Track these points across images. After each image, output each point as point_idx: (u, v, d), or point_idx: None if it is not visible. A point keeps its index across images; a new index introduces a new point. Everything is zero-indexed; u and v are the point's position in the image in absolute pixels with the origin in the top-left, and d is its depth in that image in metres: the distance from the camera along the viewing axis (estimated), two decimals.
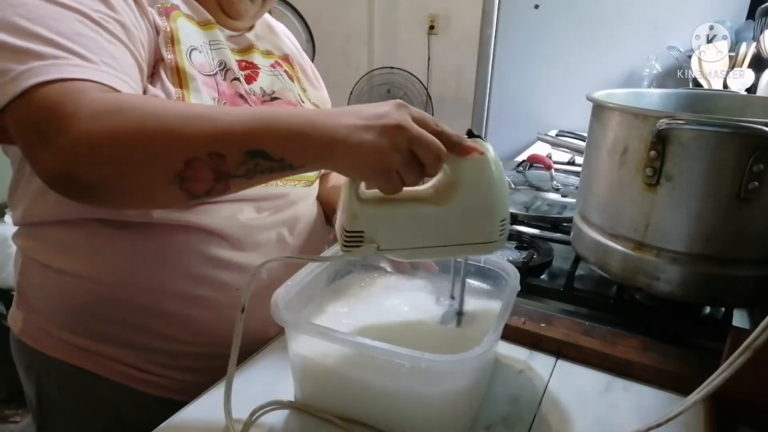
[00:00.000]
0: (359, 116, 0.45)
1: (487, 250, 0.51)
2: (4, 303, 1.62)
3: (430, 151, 0.45)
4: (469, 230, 0.49)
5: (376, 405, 0.49)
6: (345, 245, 0.48)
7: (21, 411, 1.64)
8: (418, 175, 0.46)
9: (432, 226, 0.49)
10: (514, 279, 0.56)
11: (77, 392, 0.66)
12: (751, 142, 0.52)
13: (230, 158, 0.44)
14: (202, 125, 0.44)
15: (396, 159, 0.44)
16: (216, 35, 0.65)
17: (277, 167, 0.46)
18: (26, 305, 0.67)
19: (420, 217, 0.49)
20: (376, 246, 0.48)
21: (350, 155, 0.45)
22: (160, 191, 0.46)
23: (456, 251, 0.51)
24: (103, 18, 0.51)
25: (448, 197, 0.48)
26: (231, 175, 0.45)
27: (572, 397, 0.55)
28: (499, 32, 2.36)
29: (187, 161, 0.44)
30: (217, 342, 0.65)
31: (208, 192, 0.46)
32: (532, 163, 1.34)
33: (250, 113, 0.47)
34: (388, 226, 0.49)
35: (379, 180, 0.45)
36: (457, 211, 0.48)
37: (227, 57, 0.65)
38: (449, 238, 0.49)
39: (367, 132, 0.44)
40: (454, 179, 0.48)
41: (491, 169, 0.48)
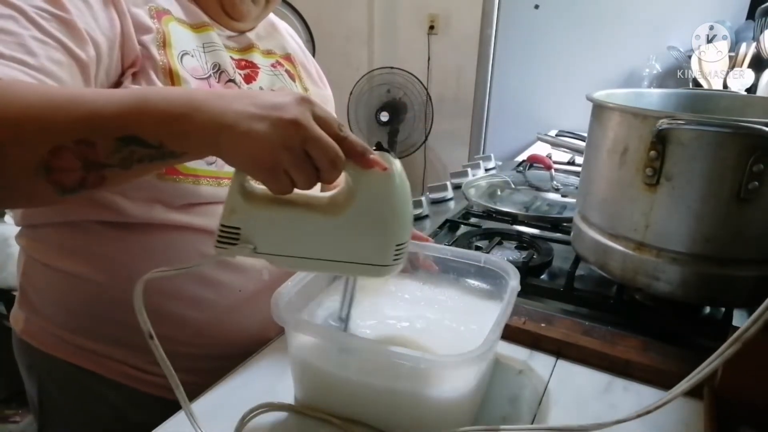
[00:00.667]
0: (254, 103, 0.41)
1: (376, 273, 0.46)
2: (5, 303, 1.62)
3: (324, 155, 0.40)
4: (359, 249, 0.45)
5: (376, 405, 0.49)
6: (218, 241, 0.45)
7: (21, 411, 1.64)
8: (311, 179, 0.42)
9: (317, 237, 0.45)
10: (514, 279, 0.56)
11: (78, 392, 0.66)
12: (751, 142, 0.52)
13: (100, 146, 0.41)
14: (69, 109, 0.41)
15: (285, 157, 0.40)
16: (210, 37, 0.65)
17: (156, 154, 0.42)
18: (28, 305, 0.67)
19: (303, 224, 0.44)
20: (252, 247, 0.44)
21: (236, 144, 0.40)
22: (26, 183, 0.42)
23: (342, 268, 0.46)
24: (40, 14, 0.49)
25: (341, 209, 0.44)
26: (103, 164, 0.41)
27: (572, 397, 0.55)
28: (499, 32, 2.36)
29: (50, 150, 0.40)
30: (216, 343, 0.65)
31: (80, 184, 0.42)
32: (532, 163, 1.34)
33: (125, 95, 0.42)
34: (267, 228, 0.45)
35: (265, 177, 0.41)
36: (346, 224, 0.44)
37: (222, 59, 0.65)
38: (335, 252, 0.45)
39: (259, 122, 0.40)
40: (351, 192, 0.44)
41: (393, 187, 0.43)
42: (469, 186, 1.13)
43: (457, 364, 0.45)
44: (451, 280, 0.63)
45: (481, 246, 0.87)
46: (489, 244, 0.86)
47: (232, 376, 0.57)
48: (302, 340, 0.50)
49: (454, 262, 0.62)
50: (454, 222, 0.99)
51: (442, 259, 0.63)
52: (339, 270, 0.47)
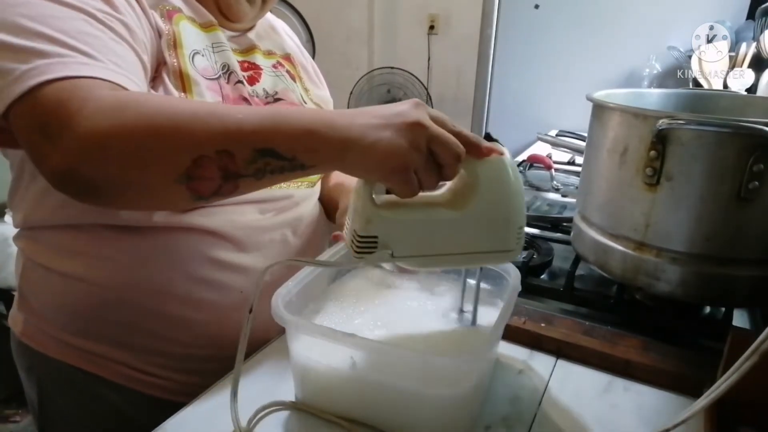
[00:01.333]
0: (375, 115, 0.44)
1: (503, 259, 0.49)
2: (5, 303, 1.62)
3: (449, 151, 0.43)
4: (486, 237, 0.47)
5: (377, 405, 0.49)
6: (357, 251, 0.46)
7: (21, 411, 1.64)
8: (436, 177, 0.45)
9: (449, 233, 0.47)
10: (515, 279, 0.55)
11: (78, 394, 0.66)
12: (751, 142, 0.52)
13: (239, 156, 0.43)
14: (211, 122, 0.43)
15: (415, 158, 0.43)
16: (218, 37, 0.65)
17: (288, 166, 0.44)
18: (27, 307, 0.67)
19: (437, 222, 0.47)
20: (390, 252, 0.46)
21: (366, 155, 0.43)
22: (166, 190, 0.45)
23: (472, 260, 0.49)
24: (107, 18, 0.50)
25: (465, 202, 0.46)
26: (240, 174, 0.44)
27: (572, 397, 0.55)
28: (499, 32, 2.36)
29: (194, 159, 0.42)
30: (218, 344, 0.65)
31: (215, 192, 0.45)
32: (532, 163, 1.34)
33: (261, 111, 0.46)
34: (403, 232, 0.46)
35: (397, 180, 0.44)
36: (475, 216, 0.46)
37: (230, 59, 0.65)
38: (466, 245, 0.47)
39: (384, 130, 0.43)
40: (471, 183, 0.46)
41: (509, 172, 0.46)
42: None
43: (457, 364, 0.45)
44: (452, 280, 0.63)
45: None
46: None
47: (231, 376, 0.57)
48: (303, 340, 0.50)
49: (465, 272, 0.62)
50: None
51: None
52: (469, 262, 0.49)
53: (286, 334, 0.51)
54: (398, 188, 0.44)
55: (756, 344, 0.38)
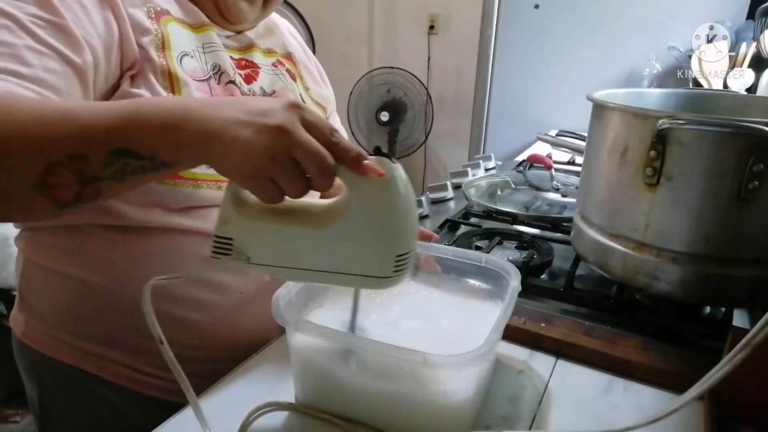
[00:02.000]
0: (243, 109, 0.40)
1: (376, 285, 0.44)
2: (5, 303, 1.62)
3: (312, 161, 0.39)
4: (356, 259, 0.43)
5: (377, 405, 0.49)
6: (213, 251, 0.44)
7: (21, 411, 1.64)
8: (301, 187, 0.40)
9: (312, 248, 0.43)
10: (515, 279, 0.55)
11: (79, 394, 0.66)
12: (751, 142, 0.52)
13: (94, 159, 0.40)
14: (62, 125, 0.40)
15: (269, 165, 0.39)
16: (210, 37, 0.65)
17: (149, 165, 0.42)
18: (27, 308, 0.67)
19: (296, 234, 0.43)
20: (246, 258, 0.43)
21: (224, 152, 0.39)
22: (23, 199, 0.42)
23: (340, 280, 0.44)
24: (35, 22, 0.49)
25: (334, 218, 0.42)
26: (97, 177, 0.41)
27: (572, 397, 0.55)
28: (499, 32, 2.36)
29: (46, 166, 0.40)
30: (217, 345, 0.65)
31: (76, 198, 0.42)
32: (532, 163, 1.34)
33: (117, 107, 0.42)
34: (261, 239, 0.43)
35: (251, 185, 0.40)
36: (341, 234, 0.42)
37: (222, 59, 0.65)
38: (332, 264, 0.43)
39: (244, 128, 0.39)
40: (348, 200, 0.42)
41: (391, 194, 0.41)
42: (469, 186, 1.13)
43: (457, 364, 0.45)
44: (452, 280, 0.63)
45: (481, 246, 0.87)
46: (489, 244, 0.86)
47: (231, 377, 0.57)
48: (303, 340, 0.50)
49: (454, 262, 0.62)
50: (454, 222, 0.99)
51: (442, 259, 0.63)
52: (337, 281, 0.45)
53: (287, 334, 0.51)
54: (254, 193, 0.41)
55: (749, 337, 0.38)
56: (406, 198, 0.42)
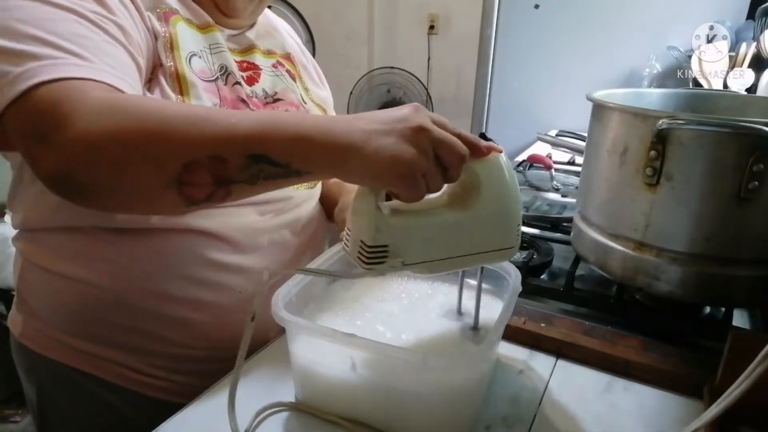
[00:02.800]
0: (376, 120, 0.43)
1: (506, 256, 0.49)
2: (4, 303, 1.62)
3: (454, 153, 0.43)
4: (491, 236, 0.48)
5: (377, 406, 0.49)
6: (368, 262, 0.44)
7: (21, 411, 1.64)
8: (442, 180, 0.44)
9: (456, 235, 0.47)
10: (515, 280, 0.55)
11: (78, 395, 0.66)
12: (751, 142, 0.52)
13: (232, 162, 0.42)
14: (203, 127, 0.42)
15: (422, 162, 0.42)
16: (216, 38, 0.65)
17: (282, 173, 0.43)
18: (26, 308, 0.67)
19: (444, 225, 0.46)
20: (401, 261, 0.45)
21: (368, 161, 0.42)
22: (157, 195, 0.44)
23: (477, 260, 0.49)
24: (101, 19, 0.50)
25: (467, 203, 0.46)
26: (232, 180, 0.43)
27: (572, 397, 0.55)
28: (499, 32, 2.36)
29: (185, 164, 0.42)
30: (218, 345, 0.65)
31: (208, 197, 0.44)
32: (532, 163, 1.34)
33: (256, 116, 0.45)
34: (413, 238, 0.45)
35: (404, 186, 0.43)
36: (480, 215, 0.47)
37: (228, 60, 0.65)
38: (472, 246, 0.47)
39: (387, 136, 0.42)
40: (471, 184, 0.46)
41: (506, 169, 0.47)
42: None
43: (456, 365, 0.45)
44: (453, 281, 0.63)
45: None
46: None
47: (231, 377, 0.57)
48: (302, 340, 0.50)
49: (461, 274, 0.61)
50: None
51: None
52: (476, 262, 0.49)
53: (286, 333, 0.51)
54: (405, 193, 0.43)
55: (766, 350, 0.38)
56: (513, 173, 0.48)
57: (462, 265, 0.49)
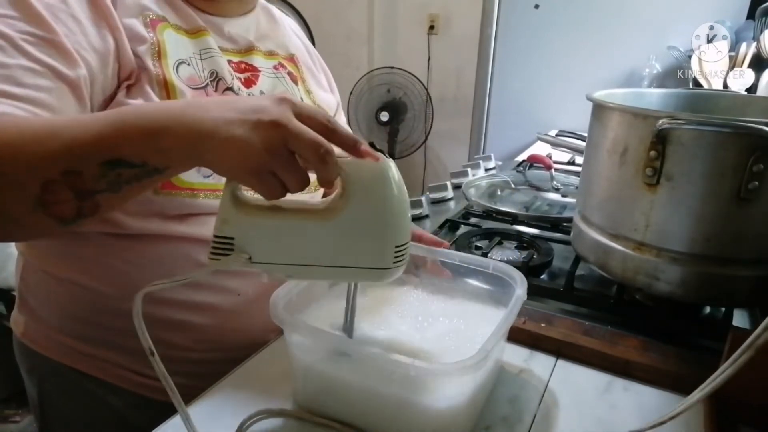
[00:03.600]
0: (233, 108, 0.41)
1: (377, 278, 0.44)
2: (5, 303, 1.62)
3: (310, 150, 0.39)
4: (357, 252, 0.43)
5: (372, 410, 0.48)
6: (212, 252, 0.43)
7: (21, 411, 1.64)
8: (301, 179, 0.41)
9: (313, 243, 0.43)
10: (521, 287, 0.54)
11: (79, 395, 0.66)
12: (751, 142, 0.52)
13: (87, 173, 0.41)
14: (51, 143, 0.41)
15: (269, 160, 0.39)
16: (207, 42, 0.64)
17: (142, 173, 0.42)
18: (28, 310, 0.67)
19: (298, 230, 0.43)
20: (247, 257, 0.43)
21: (219, 152, 0.40)
22: (26, 219, 0.42)
23: (341, 274, 0.45)
24: (28, 40, 0.49)
25: (335, 212, 0.43)
26: (93, 191, 0.42)
27: (572, 397, 0.55)
28: (499, 32, 2.36)
29: (42, 184, 0.40)
30: (217, 347, 0.65)
31: (78, 213, 0.43)
32: (532, 163, 1.34)
33: (102, 118, 0.43)
34: (262, 237, 0.43)
35: (253, 182, 0.40)
36: (342, 227, 0.42)
37: (219, 65, 0.64)
38: (333, 258, 0.44)
39: (238, 126, 0.39)
40: (346, 194, 0.42)
41: (390, 182, 0.42)
42: (469, 186, 1.13)
43: (449, 372, 0.44)
44: (459, 286, 0.62)
45: (481, 246, 0.86)
46: (489, 244, 0.86)
47: (229, 379, 0.57)
48: (300, 341, 0.50)
49: (461, 267, 0.61)
50: (454, 222, 0.99)
51: (449, 265, 0.62)
52: (339, 276, 0.45)
53: (285, 335, 0.51)
54: (256, 189, 0.41)
55: (752, 338, 0.38)
56: (401, 189, 0.43)
57: (324, 277, 0.45)
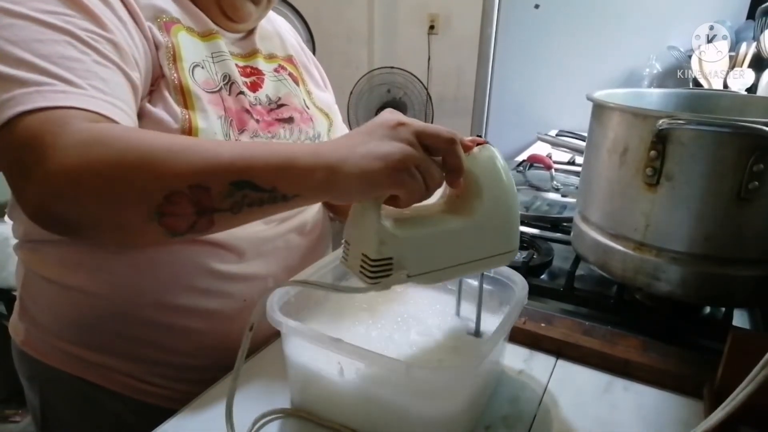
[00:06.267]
0: (356, 133, 0.44)
1: (506, 261, 0.48)
2: (5, 303, 1.62)
3: (440, 138, 0.42)
4: (494, 240, 0.47)
5: (368, 414, 0.48)
6: (372, 276, 0.43)
7: (21, 411, 1.64)
8: (439, 172, 0.43)
9: (461, 241, 0.45)
10: (521, 291, 0.54)
11: (81, 403, 0.65)
12: (751, 142, 0.52)
13: (214, 190, 0.41)
14: (185, 156, 0.41)
15: (411, 153, 0.41)
16: (218, 46, 0.64)
17: (267, 198, 0.42)
18: (28, 316, 0.66)
19: (449, 233, 0.45)
20: (406, 273, 0.43)
21: (358, 169, 0.41)
22: (139, 227, 0.43)
23: (479, 266, 0.48)
24: (93, 38, 0.49)
25: (468, 206, 0.45)
26: (215, 209, 0.42)
27: (572, 397, 0.55)
28: (499, 32, 2.36)
29: (166, 195, 0.41)
30: (221, 354, 0.64)
31: (190, 228, 0.43)
32: (532, 163, 1.34)
33: (240, 144, 0.44)
34: (417, 249, 0.44)
35: (401, 183, 0.41)
36: (485, 218, 0.45)
37: (230, 68, 0.64)
38: (476, 251, 0.46)
39: (370, 141, 0.42)
40: (469, 184, 0.45)
41: (501, 164, 0.46)
42: None
43: (445, 376, 0.43)
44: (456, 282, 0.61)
45: None
46: None
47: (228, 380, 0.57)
48: (296, 343, 0.50)
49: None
50: None
51: None
52: (479, 268, 0.48)
53: (281, 336, 0.51)
54: (405, 192, 0.42)
55: None
56: (509, 173, 0.46)
57: (464, 273, 0.48)
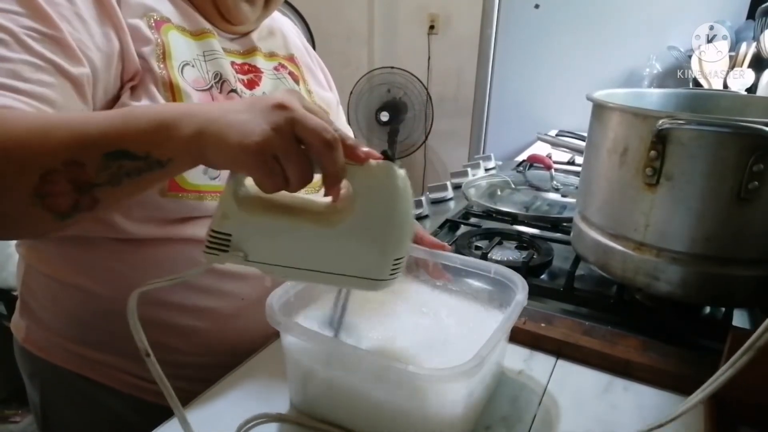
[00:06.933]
0: (240, 101, 0.42)
1: (372, 287, 0.43)
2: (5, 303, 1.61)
3: (317, 135, 0.38)
4: (355, 261, 0.42)
5: (366, 414, 0.48)
6: (208, 247, 0.43)
7: (21, 411, 1.64)
8: (305, 170, 0.39)
9: (312, 247, 0.42)
10: (521, 292, 0.54)
11: (81, 400, 0.66)
12: (751, 142, 0.52)
13: (89, 165, 0.40)
14: (55, 133, 0.41)
15: (273, 139, 0.37)
16: (211, 44, 0.64)
17: (144, 166, 0.42)
18: (29, 314, 0.67)
19: (297, 233, 0.42)
20: (243, 255, 0.42)
21: (221, 138, 0.39)
22: (23, 213, 0.42)
23: (336, 280, 0.43)
24: (31, 35, 0.48)
25: (338, 217, 0.41)
26: (93, 183, 0.41)
27: (572, 397, 0.55)
28: (499, 32, 2.36)
29: (42, 175, 0.40)
30: (220, 351, 0.64)
31: (74, 207, 0.42)
32: (532, 163, 1.34)
33: (112, 114, 0.43)
34: (260, 236, 0.42)
35: (255, 167, 0.39)
36: (344, 235, 0.41)
37: (223, 67, 0.64)
38: (330, 264, 0.42)
39: (244, 112, 0.39)
40: (351, 200, 0.41)
41: (396, 194, 0.40)
42: (469, 186, 1.13)
43: (444, 377, 0.43)
44: (459, 287, 0.61)
45: (481, 246, 0.86)
46: (489, 244, 0.86)
47: (226, 382, 0.57)
48: (295, 343, 0.49)
49: (462, 270, 0.61)
50: (454, 222, 0.99)
51: (450, 267, 0.62)
52: (333, 282, 0.44)
53: (281, 336, 0.50)
54: (258, 176, 0.39)
55: (752, 339, 0.38)
56: (408, 200, 0.42)
57: (318, 281, 0.44)
